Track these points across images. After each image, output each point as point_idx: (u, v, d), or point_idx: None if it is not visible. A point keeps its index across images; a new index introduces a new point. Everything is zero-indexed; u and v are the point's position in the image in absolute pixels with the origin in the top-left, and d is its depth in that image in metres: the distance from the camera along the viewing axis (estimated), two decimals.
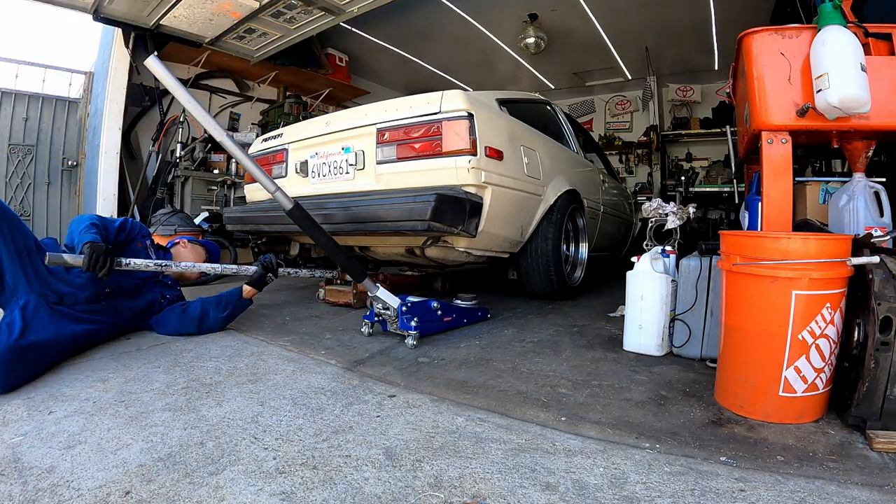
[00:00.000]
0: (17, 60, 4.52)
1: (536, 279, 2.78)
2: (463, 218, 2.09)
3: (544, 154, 2.83)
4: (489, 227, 2.26)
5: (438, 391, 1.51)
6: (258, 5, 3.90)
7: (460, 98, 2.18)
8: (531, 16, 5.29)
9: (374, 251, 2.75)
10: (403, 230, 2.06)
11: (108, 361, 1.74)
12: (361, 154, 2.40)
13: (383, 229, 2.13)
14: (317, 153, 2.62)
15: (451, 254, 2.44)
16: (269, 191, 1.76)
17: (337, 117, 2.62)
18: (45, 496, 0.91)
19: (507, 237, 2.50)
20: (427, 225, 1.95)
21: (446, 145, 2.14)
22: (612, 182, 4.38)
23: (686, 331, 1.85)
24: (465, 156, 2.11)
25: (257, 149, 3.07)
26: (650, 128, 7.25)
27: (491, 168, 2.22)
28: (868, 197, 1.88)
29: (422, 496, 0.94)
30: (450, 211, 2.03)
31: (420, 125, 2.21)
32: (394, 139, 2.29)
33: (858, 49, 1.70)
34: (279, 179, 2.79)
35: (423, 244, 2.35)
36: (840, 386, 1.34)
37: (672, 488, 0.98)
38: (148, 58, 1.58)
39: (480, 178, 2.14)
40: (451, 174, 2.12)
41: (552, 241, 2.71)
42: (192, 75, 5.09)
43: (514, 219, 2.49)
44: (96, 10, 3.82)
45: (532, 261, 2.75)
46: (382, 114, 2.36)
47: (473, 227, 2.16)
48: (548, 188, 2.76)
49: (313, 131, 2.67)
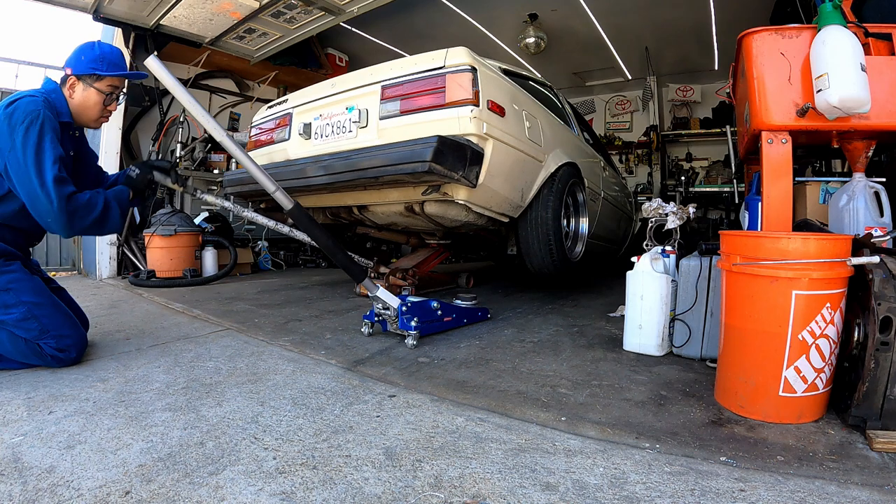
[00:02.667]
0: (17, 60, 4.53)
1: (536, 249, 2.73)
2: (464, 163, 2.08)
3: (546, 125, 2.82)
4: (489, 182, 2.26)
5: (438, 391, 1.51)
6: (258, 5, 3.90)
7: (464, 53, 2.21)
8: (531, 16, 5.29)
9: (372, 212, 2.72)
10: (403, 173, 2.05)
11: (108, 361, 1.74)
12: (365, 112, 2.40)
13: (384, 174, 2.11)
14: (321, 115, 2.62)
15: (450, 210, 2.43)
16: (270, 191, 1.76)
17: (342, 79, 2.64)
18: (45, 496, 0.91)
19: (508, 197, 2.48)
20: (427, 166, 1.94)
21: (449, 96, 2.15)
22: (612, 174, 4.37)
23: (686, 331, 1.85)
24: (468, 106, 2.13)
25: (262, 116, 3.06)
26: (650, 128, 7.25)
27: (493, 122, 2.23)
28: (868, 197, 1.88)
29: (422, 496, 0.94)
30: (451, 154, 2.02)
31: (424, 80, 2.24)
32: (397, 95, 2.31)
33: (858, 49, 1.70)
34: (282, 143, 2.80)
35: (424, 193, 2.32)
36: (840, 386, 1.34)
37: (672, 488, 0.98)
38: (148, 58, 1.58)
39: (482, 128, 2.15)
40: (454, 124, 2.13)
41: (552, 209, 2.69)
42: (192, 75, 5.09)
43: (514, 179, 2.48)
44: (96, 10, 3.82)
45: (532, 229, 2.71)
46: (387, 72, 2.38)
47: (474, 175, 2.16)
48: (549, 157, 2.75)
49: (318, 94, 2.69)
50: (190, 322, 2.42)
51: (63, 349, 1.65)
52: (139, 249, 4.13)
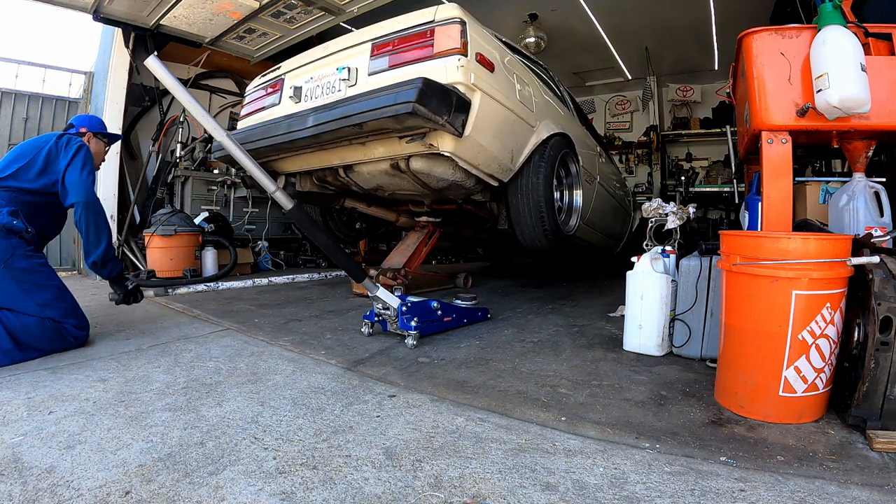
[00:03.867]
0: (17, 60, 4.52)
1: (527, 218, 2.65)
2: (448, 108, 2.06)
3: (538, 94, 2.79)
4: (476, 135, 2.23)
5: (438, 391, 1.51)
6: (258, 5, 3.90)
7: (455, 8, 2.22)
8: (531, 16, 5.29)
9: (357, 172, 2.69)
10: (386, 117, 2.03)
11: (108, 361, 1.74)
12: (355, 70, 2.39)
13: (369, 119, 2.09)
14: (311, 77, 2.61)
15: (436, 166, 2.40)
16: (269, 191, 1.77)
17: (336, 41, 2.63)
18: (45, 496, 0.91)
19: (496, 156, 2.44)
20: (411, 107, 1.92)
21: (437, 47, 2.15)
22: (609, 164, 4.32)
23: (686, 331, 1.85)
24: (455, 55, 2.12)
25: (255, 84, 3.04)
26: (650, 128, 7.26)
27: (481, 74, 2.21)
28: (868, 197, 1.88)
29: (422, 496, 0.94)
30: (435, 97, 2.00)
31: (414, 34, 2.24)
32: (387, 50, 2.31)
33: (858, 49, 1.70)
34: (272, 108, 2.77)
35: (408, 142, 2.28)
36: (840, 386, 1.34)
37: (672, 488, 0.98)
38: (148, 58, 1.58)
39: (469, 78, 2.13)
40: (441, 73, 2.12)
41: (544, 176, 2.63)
42: (192, 75, 5.09)
43: (503, 138, 2.44)
44: (96, 10, 3.82)
45: (522, 196, 2.65)
46: (379, 30, 2.38)
47: (459, 123, 2.13)
48: (541, 124, 2.71)
49: (311, 57, 2.69)
50: (190, 322, 2.42)
51: (81, 327, 1.95)
52: (139, 249, 4.12)
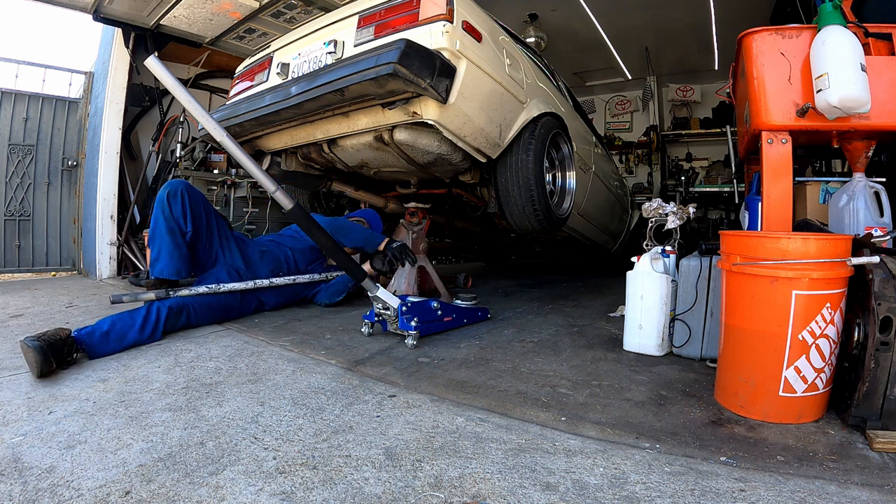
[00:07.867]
0: (17, 60, 4.52)
1: (516, 197, 2.58)
2: (432, 71, 2.03)
3: (530, 74, 2.77)
4: (462, 104, 2.19)
5: (438, 391, 1.51)
6: (258, 5, 3.90)
7: None
8: (531, 16, 5.29)
9: (342, 147, 2.66)
10: (368, 79, 2.01)
11: (108, 361, 1.74)
12: (341, 44, 2.39)
13: (351, 83, 2.08)
14: (299, 54, 2.61)
15: (421, 138, 2.37)
16: (270, 191, 1.78)
17: (325, 16, 2.65)
18: (45, 496, 0.91)
19: (483, 129, 2.39)
20: (392, 67, 1.91)
21: (423, 14, 2.15)
22: (607, 157, 4.30)
23: (686, 331, 1.85)
24: (441, 21, 2.11)
25: (244, 65, 3.03)
26: (650, 128, 7.25)
27: (467, 43, 2.20)
28: (868, 197, 1.88)
29: (422, 496, 0.94)
30: (417, 58, 1.98)
31: (401, 3, 2.24)
32: (373, 21, 2.31)
33: (858, 49, 1.70)
34: (261, 86, 2.77)
35: (390, 108, 2.25)
36: (840, 386, 1.34)
37: (672, 488, 0.98)
38: (148, 58, 1.58)
39: (455, 44, 2.12)
40: (426, 38, 2.10)
41: (534, 153, 2.57)
42: (192, 75, 5.08)
43: (491, 111, 2.40)
44: (96, 10, 3.82)
45: (511, 174, 2.59)
46: (366, 2, 2.39)
47: (444, 88, 2.10)
48: (531, 101, 2.68)
49: (299, 34, 2.69)
50: None
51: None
52: (139, 249, 4.12)
